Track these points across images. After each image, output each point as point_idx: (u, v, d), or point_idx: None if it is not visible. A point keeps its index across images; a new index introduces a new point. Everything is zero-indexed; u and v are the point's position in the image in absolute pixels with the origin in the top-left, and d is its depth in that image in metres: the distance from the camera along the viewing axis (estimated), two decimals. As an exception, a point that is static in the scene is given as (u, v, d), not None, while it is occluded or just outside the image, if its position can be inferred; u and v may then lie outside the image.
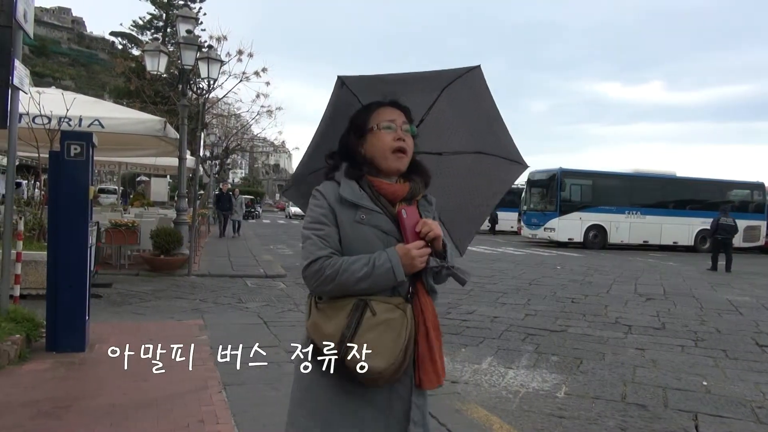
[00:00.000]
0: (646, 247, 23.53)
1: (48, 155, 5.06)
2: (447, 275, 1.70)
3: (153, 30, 42.21)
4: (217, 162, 28.58)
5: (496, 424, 3.77)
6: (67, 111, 7.61)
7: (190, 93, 14.02)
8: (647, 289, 10.97)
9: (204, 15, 34.73)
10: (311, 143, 1.91)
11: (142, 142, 10.43)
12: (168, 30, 39.04)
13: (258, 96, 23.23)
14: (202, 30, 24.66)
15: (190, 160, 13.93)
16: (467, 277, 1.70)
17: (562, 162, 37.36)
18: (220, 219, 20.97)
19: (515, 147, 2.14)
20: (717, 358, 5.84)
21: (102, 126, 8.20)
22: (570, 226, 22.38)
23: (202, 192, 24.65)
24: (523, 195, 25.04)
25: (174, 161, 13.34)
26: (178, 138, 10.43)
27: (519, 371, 5.06)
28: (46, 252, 5.04)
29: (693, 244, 23.49)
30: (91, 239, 5.18)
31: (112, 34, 63.79)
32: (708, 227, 18.32)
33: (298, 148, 38.79)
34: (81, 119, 8.07)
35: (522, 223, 24.85)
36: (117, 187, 27.34)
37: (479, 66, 1.92)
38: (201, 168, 20.67)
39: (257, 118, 24.78)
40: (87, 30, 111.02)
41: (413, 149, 1.80)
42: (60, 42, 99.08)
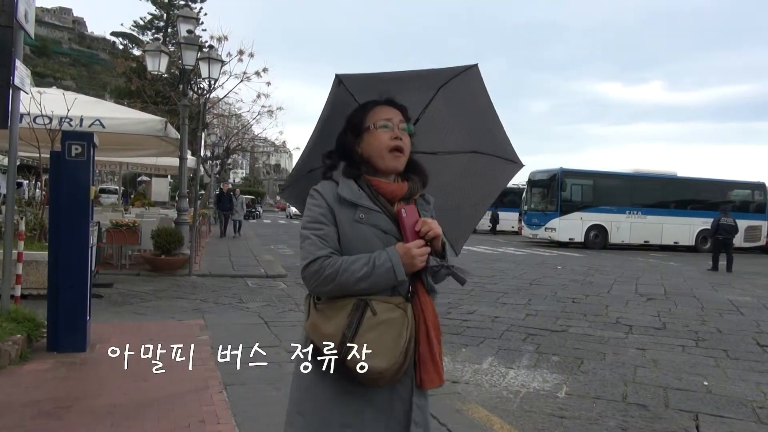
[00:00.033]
0: (646, 247, 23.50)
1: (49, 155, 5.07)
2: (446, 274, 1.69)
3: (154, 30, 42.20)
4: (218, 162, 28.62)
5: (496, 424, 3.77)
6: (68, 111, 7.60)
7: (190, 93, 14.03)
8: (648, 289, 10.96)
9: (205, 15, 34.78)
10: (308, 142, 1.90)
11: (143, 142, 10.44)
12: (169, 30, 39.00)
13: (259, 96, 23.29)
14: (202, 30, 24.65)
15: (191, 160, 13.94)
16: (467, 277, 1.69)
17: (562, 162, 37.47)
18: (220, 219, 20.96)
19: (511, 146, 2.12)
20: (718, 358, 5.84)
21: (103, 126, 8.21)
22: (571, 226, 22.37)
23: (202, 192, 24.61)
24: (524, 195, 25.08)
25: (175, 161, 13.34)
26: (178, 138, 10.45)
27: (520, 371, 5.06)
28: (47, 252, 5.05)
29: (694, 244, 23.48)
30: (92, 239, 5.19)
31: (113, 34, 63.80)
32: (709, 227, 18.28)
33: (298, 148, 38.57)
34: (82, 119, 8.08)
35: (523, 223, 24.86)
36: (118, 187, 27.40)
37: (476, 65, 1.90)
38: (202, 168, 20.65)
39: (258, 118, 24.86)
40: (88, 30, 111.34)
41: (410, 148, 1.79)
42: (61, 42, 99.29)
